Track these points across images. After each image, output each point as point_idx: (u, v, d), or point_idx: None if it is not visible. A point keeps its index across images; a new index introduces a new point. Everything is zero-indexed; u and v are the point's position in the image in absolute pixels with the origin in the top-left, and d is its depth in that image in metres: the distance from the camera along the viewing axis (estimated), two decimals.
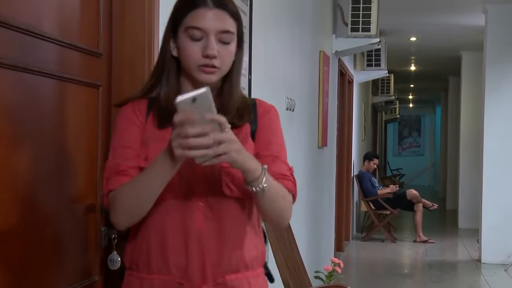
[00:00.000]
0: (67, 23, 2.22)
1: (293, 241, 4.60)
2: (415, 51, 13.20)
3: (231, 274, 1.96)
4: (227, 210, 1.96)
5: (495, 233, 9.06)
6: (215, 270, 1.94)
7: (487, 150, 9.19)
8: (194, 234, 1.92)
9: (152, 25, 2.50)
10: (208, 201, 1.93)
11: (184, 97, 1.70)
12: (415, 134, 28.16)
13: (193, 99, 1.70)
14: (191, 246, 1.92)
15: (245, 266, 1.99)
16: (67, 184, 2.23)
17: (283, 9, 5.10)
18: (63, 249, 2.22)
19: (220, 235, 1.94)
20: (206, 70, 1.92)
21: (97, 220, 2.41)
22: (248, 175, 1.83)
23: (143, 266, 1.97)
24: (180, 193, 1.92)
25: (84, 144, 2.33)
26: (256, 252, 2.04)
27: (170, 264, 1.93)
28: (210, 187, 1.94)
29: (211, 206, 1.94)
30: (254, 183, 1.84)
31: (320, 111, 6.93)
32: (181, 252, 1.92)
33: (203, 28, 1.90)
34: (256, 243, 2.04)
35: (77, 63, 2.26)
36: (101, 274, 2.45)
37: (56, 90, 2.14)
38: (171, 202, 1.93)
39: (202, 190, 1.93)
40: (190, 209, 1.92)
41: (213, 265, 1.93)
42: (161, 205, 1.92)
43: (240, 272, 1.98)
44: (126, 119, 1.99)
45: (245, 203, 2.00)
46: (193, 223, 1.92)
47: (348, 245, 10.38)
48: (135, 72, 2.49)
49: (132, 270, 2.01)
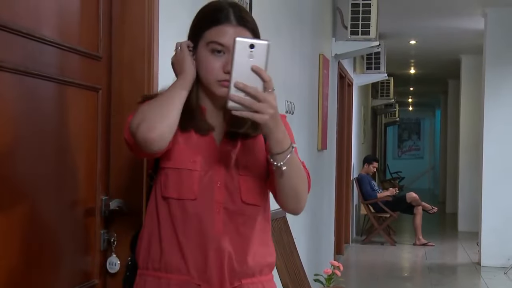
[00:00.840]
0: (67, 27, 2.22)
1: (293, 245, 4.60)
2: (415, 54, 13.21)
3: (247, 278, 1.99)
4: (245, 217, 1.98)
5: (494, 236, 9.06)
6: (233, 274, 1.96)
7: (486, 153, 9.19)
8: (214, 239, 1.94)
9: (151, 29, 2.50)
10: (227, 208, 1.96)
11: (244, 38, 1.70)
12: (414, 137, 28.16)
13: (252, 45, 1.69)
14: (211, 250, 1.94)
15: (260, 271, 2.03)
16: (67, 187, 2.23)
17: (283, 12, 5.11)
18: (62, 252, 2.22)
19: (238, 241, 1.97)
20: (225, 84, 1.91)
21: (97, 223, 2.41)
22: (275, 145, 1.82)
23: (161, 265, 1.97)
24: (200, 199, 1.94)
25: (83, 147, 2.33)
26: (270, 258, 2.07)
27: (189, 266, 1.95)
28: (229, 194, 1.96)
29: (230, 213, 1.96)
30: (279, 157, 1.83)
31: (320, 114, 6.93)
32: (201, 256, 1.94)
33: (226, 44, 1.92)
34: (270, 249, 2.08)
35: (77, 66, 2.27)
36: (100, 277, 2.45)
37: (56, 94, 2.15)
38: (192, 206, 1.94)
39: (221, 197, 1.95)
40: (211, 215, 1.94)
41: (231, 270, 1.96)
42: (182, 208, 1.94)
43: (255, 277, 2.01)
44: None
45: (261, 211, 2.02)
46: (213, 228, 1.94)
47: (347, 248, 10.38)
48: (135, 76, 2.49)
49: (147, 269, 2.01)
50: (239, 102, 1.70)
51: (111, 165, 2.49)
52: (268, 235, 2.08)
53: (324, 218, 7.66)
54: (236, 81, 1.68)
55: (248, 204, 1.97)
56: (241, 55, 1.68)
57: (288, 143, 1.84)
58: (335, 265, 4.73)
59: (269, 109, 1.73)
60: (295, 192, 1.95)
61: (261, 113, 1.72)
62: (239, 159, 1.98)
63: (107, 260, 2.46)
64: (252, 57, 1.68)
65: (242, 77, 1.68)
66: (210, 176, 1.95)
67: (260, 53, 1.69)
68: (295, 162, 1.89)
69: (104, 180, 2.46)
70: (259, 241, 2.02)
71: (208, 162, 1.96)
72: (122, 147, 2.48)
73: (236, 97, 1.69)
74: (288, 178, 1.90)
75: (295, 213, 2.05)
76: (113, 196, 2.48)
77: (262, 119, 1.74)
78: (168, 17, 2.71)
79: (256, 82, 1.69)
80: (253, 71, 1.69)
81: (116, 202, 2.44)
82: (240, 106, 1.70)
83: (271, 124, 1.77)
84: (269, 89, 1.72)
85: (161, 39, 2.59)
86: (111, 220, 2.48)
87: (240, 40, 1.69)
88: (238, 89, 1.69)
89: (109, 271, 2.46)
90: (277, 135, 1.81)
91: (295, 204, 2.01)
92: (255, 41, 1.69)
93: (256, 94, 1.70)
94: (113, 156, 2.49)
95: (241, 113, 1.72)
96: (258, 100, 1.70)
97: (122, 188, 2.49)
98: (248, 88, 1.69)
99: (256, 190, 1.98)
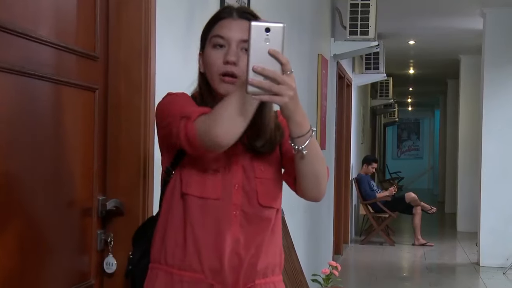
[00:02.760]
0: (64, 27, 2.22)
1: (291, 247, 4.60)
2: (414, 54, 13.20)
3: (260, 279, 2.01)
4: (261, 219, 1.99)
5: (493, 236, 9.06)
6: (247, 276, 1.98)
7: (485, 153, 9.19)
8: (230, 240, 1.95)
9: (148, 30, 2.51)
10: (244, 210, 1.97)
11: (259, 22, 1.69)
12: (414, 138, 28.15)
13: (267, 28, 1.68)
14: (226, 251, 1.95)
15: (272, 272, 2.05)
16: (63, 187, 2.24)
17: (281, 12, 5.11)
18: (59, 252, 2.23)
19: (254, 243, 1.98)
20: (226, 79, 1.94)
21: (93, 223, 2.41)
22: (295, 128, 1.81)
23: (175, 261, 1.98)
24: (219, 200, 1.95)
25: (80, 147, 2.33)
26: (280, 259, 2.09)
27: (204, 265, 1.95)
28: (246, 197, 1.97)
29: (247, 215, 1.97)
30: (299, 140, 1.83)
31: (318, 114, 6.94)
32: (216, 255, 1.95)
33: (226, 37, 1.94)
34: (280, 250, 2.09)
35: (74, 66, 2.27)
36: (97, 277, 2.45)
37: (52, 93, 2.15)
38: (213, 206, 1.95)
39: (238, 199, 1.96)
40: (228, 216, 1.95)
41: (246, 272, 1.97)
42: (202, 207, 1.95)
43: (268, 277, 2.03)
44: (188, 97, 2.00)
45: (275, 212, 2.03)
46: (229, 230, 1.95)
47: (346, 248, 10.37)
48: (132, 76, 2.49)
49: (160, 263, 2.01)
50: (258, 86, 1.69)
51: (108, 165, 2.50)
52: (278, 234, 2.09)
53: (322, 218, 7.66)
54: (254, 65, 1.68)
55: (265, 206, 1.99)
56: (257, 40, 1.67)
57: (308, 127, 1.83)
58: (333, 266, 4.73)
59: (288, 91, 1.72)
60: (315, 177, 1.94)
61: (281, 95, 1.71)
62: (255, 162, 1.99)
63: (104, 260, 2.46)
64: (268, 41, 1.67)
65: (259, 61, 1.67)
66: (229, 178, 1.96)
67: (276, 36, 1.68)
68: (315, 146, 1.89)
69: (101, 180, 2.47)
70: (272, 242, 2.04)
71: (227, 164, 1.97)
72: (120, 147, 2.50)
73: (255, 81, 1.68)
74: (309, 162, 1.89)
75: (316, 199, 2.02)
76: (110, 196, 2.48)
77: (282, 101, 1.73)
78: (165, 18, 2.71)
79: (274, 65, 1.68)
80: (270, 54, 1.68)
81: (113, 202, 2.44)
82: (259, 90, 1.69)
83: (291, 107, 1.76)
84: (287, 71, 1.71)
85: (158, 40, 2.60)
86: (108, 220, 2.49)
87: (256, 25, 1.68)
88: (257, 73, 1.68)
89: (106, 271, 2.47)
90: (297, 118, 1.79)
91: (316, 190, 1.99)
92: (270, 24, 1.68)
93: (274, 76, 1.69)
94: (110, 156, 2.50)
95: (261, 97, 1.71)
96: (277, 83, 1.69)
97: (120, 188, 2.50)
98: (266, 71, 1.68)
99: (272, 192, 2.00)
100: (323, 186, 1.99)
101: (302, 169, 1.92)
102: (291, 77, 1.72)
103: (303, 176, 1.94)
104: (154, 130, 2.33)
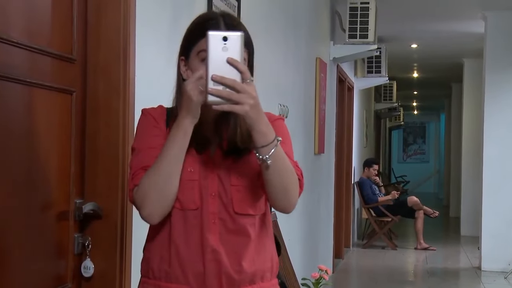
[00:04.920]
0: (38, 29, 2.21)
1: (284, 250, 4.58)
2: (417, 58, 13.17)
3: (247, 285, 1.98)
4: (239, 227, 1.96)
5: (495, 240, 9.01)
6: (231, 283, 1.95)
7: (486, 157, 9.15)
8: (211, 249, 1.93)
9: (127, 32, 2.49)
10: (222, 218, 1.95)
11: (216, 32, 1.70)
12: (420, 141, 28.09)
13: (225, 37, 1.69)
14: (208, 260, 1.93)
15: (262, 278, 2.02)
16: (37, 191, 2.22)
17: (275, 14, 5.09)
18: (33, 256, 2.21)
19: (235, 251, 1.96)
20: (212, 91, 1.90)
21: (70, 227, 2.40)
22: (258, 137, 1.81)
23: (161, 274, 1.97)
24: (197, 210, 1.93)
25: (56, 150, 2.32)
26: (271, 264, 2.06)
27: (188, 275, 1.94)
28: (223, 205, 1.95)
29: (225, 223, 1.95)
30: (263, 150, 1.82)
31: (317, 117, 6.92)
32: (199, 265, 1.93)
33: None
34: (271, 254, 2.06)
35: (49, 68, 2.26)
36: (74, 281, 2.43)
37: (25, 96, 2.13)
38: (193, 216, 1.94)
39: (215, 208, 1.95)
40: (207, 225, 1.93)
41: (229, 280, 1.95)
42: (184, 218, 1.94)
43: (256, 283, 2.00)
44: (149, 122, 1.99)
45: (257, 218, 2.00)
46: (209, 238, 1.93)
47: (348, 252, 10.34)
48: (110, 78, 2.48)
49: (148, 278, 2.00)
50: (218, 95, 1.69)
51: (86, 168, 2.48)
52: (267, 239, 2.05)
53: (321, 222, 7.63)
54: (213, 74, 1.68)
55: (240, 214, 1.96)
56: (215, 49, 1.68)
57: (272, 136, 1.82)
58: (323, 269, 4.71)
59: (248, 99, 1.72)
60: (283, 188, 1.92)
61: (241, 104, 1.71)
62: (232, 170, 1.97)
63: (81, 264, 2.45)
64: (226, 50, 1.68)
65: (218, 71, 1.68)
66: (206, 186, 1.94)
67: (234, 45, 1.69)
68: (281, 156, 1.87)
69: (79, 184, 2.45)
70: (258, 248, 2.00)
71: (203, 172, 1.95)
72: (98, 151, 2.49)
73: (215, 90, 1.68)
74: (275, 172, 1.87)
75: (286, 211, 2.00)
76: (88, 200, 2.47)
77: (242, 110, 1.73)
78: (147, 20, 2.70)
79: (233, 74, 1.69)
80: (228, 63, 1.69)
81: (90, 205, 2.43)
82: (219, 100, 1.70)
83: (253, 115, 1.76)
84: (247, 79, 1.71)
85: (140, 42, 2.58)
86: (86, 224, 2.47)
87: (213, 34, 1.69)
88: (216, 82, 1.69)
89: (84, 275, 2.45)
90: (260, 127, 1.79)
91: (286, 202, 1.96)
92: (227, 33, 1.70)
93: (234, 84, 1.69)
94: (88, 160, 2.48)
95: (222, 106, 1.71)
96: (237, 91, 1.70)
97: (98, 191, 2.48)
98: (225, 80, 1.69)
99: (249, 199, 1.96)
100: (292, 198, 1.96)
101: (269, 180, 1.90)
102: (252, 86, 1.72)
103: (270, 186, 1.92)
104: (133, 133, 2.31)
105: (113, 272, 2.48)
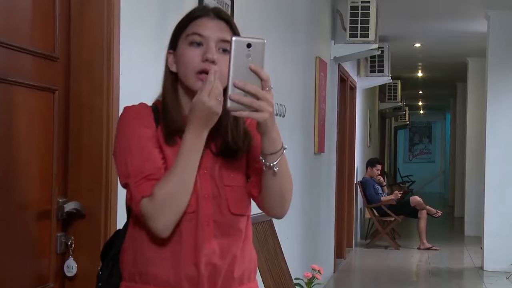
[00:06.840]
0: (17, 27, 2.19)
1: (278, 248, 4.55)
2: (422, 57, 13.13)
3: (236, 286, 1.97)
4: (234, 227, 1.95)
5: (497, 240, 8.97)
6: (224, 285, 1.94)
7: (489, 157, 9.11)
8: (206, 251, 1.90)
9: (111, 29, 2.47)
10: (216, 220, 1.93)
11: (241, 38, 1.70)
12: (426, 141, 28.04)
13: (248, 44, 1.69)
14: (202, 263, 1.90)
15: (248, 278, 2.01)
16: (18, 190, 2.20)
17: (271, 13, 5.07)
18: (13, 255, 2.19)
19: (229, 252, 1.94)
20: (203, 77, 1.85)
21: (52, 226, 2.38)
22: (269, 144, 1.81)
23: (149, 278, 1.91)
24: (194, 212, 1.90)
25: (38, 148, 2.30)
26: (255, 264, 2.06)
27: (181, 278, 1.90)
28: (217, 206, 1.93)
29: (219, 225, 1.93)
30: (271, 157, 1.82)
31: (316, 117, 6.88)
32: (193, 268, 1.90)
33: (204, 35, 1.89)
34: (254, 255, 2.07)
35: (29, 66, 2.24)
36: (57, 280, 2.42)
37: (4, 94, 2.12)
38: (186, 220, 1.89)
39: (209, 210, 1.92)
40: (201, 228, 1.91)
41: (223, 281, 1.93)
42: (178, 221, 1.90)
43: (244, 284, 2.00)
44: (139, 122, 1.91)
45: (245, 218, 2.00)
46: (204, 241, 1.90)
47: (350, 252, 10.31)
48: (94, 76, 2.46)
49: (135, 282, 1.93)
50: (239, 101, 1.69)
51: (70, 167, 2.47)
52: (251, 240, 2.06)
53: (321, 222, 7.60)
54: (235, 80, 1.68)
55: (236, 214, 1.95)
56: (238, 55, 1.68)
57: (280, 144, 1.83)
58: (316, 269, 4.68)
59: (268, 107, 1.72)
60: (281, 195, 1.93)
61: (261, 111, 1.72)
62: (224, 170, 1.94)
63: (64, 264, 2.43)
64: (249, 56, 1.68)
65: (240, 77, 1.68)
66: (199, 188, 1.91)
67: (257, 52, 1.69)
68: (285, 163, 1.89)
69: (62, 183, 2.43)
70: (246, 248, 2.00)
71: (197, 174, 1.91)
72: (81, 149, 2.47)
73: (236, 96, 1.68)
74: (278, 180, 1.88)
75: (279, 217, 2.02)
76: (71, 199, 2.45)
77: (262, 117, 1.73)
78: (133, 17, 2.68)
79: (254, 81, 1.69)
80: (251, 70, 1.69)
81: (72, 204, 2.41)
82: (239, 106, 1.70)
83: (269, 123, 1.77)
84: (267, 87, 1.71)
85: (125, 40, 2.56)
86: (69, 223, 2.46)
87: (237, 40, 1.69)
88: (238, 88, 1.69)
89: (67, 275, 2.43)
90: (273, 134, 1.80)
91: (280, 208, 1.98)
92: (252, 40, 1.69)
93: (256, 92, 1.69)
94: (71, 158, 2.47)
95: (241, 113, 1.72)
96: (258, 98, 1.70)
97: (81, 190, 2.47)
98: (247, 87, 1.69)
99: (243, 199, 1.96)
100: (286, 205, 1.98)
101: (270, 186, 1.90)
102: (271, 93, 1.72)
103: (270, 193, 1.92)
104: None
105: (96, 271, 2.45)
